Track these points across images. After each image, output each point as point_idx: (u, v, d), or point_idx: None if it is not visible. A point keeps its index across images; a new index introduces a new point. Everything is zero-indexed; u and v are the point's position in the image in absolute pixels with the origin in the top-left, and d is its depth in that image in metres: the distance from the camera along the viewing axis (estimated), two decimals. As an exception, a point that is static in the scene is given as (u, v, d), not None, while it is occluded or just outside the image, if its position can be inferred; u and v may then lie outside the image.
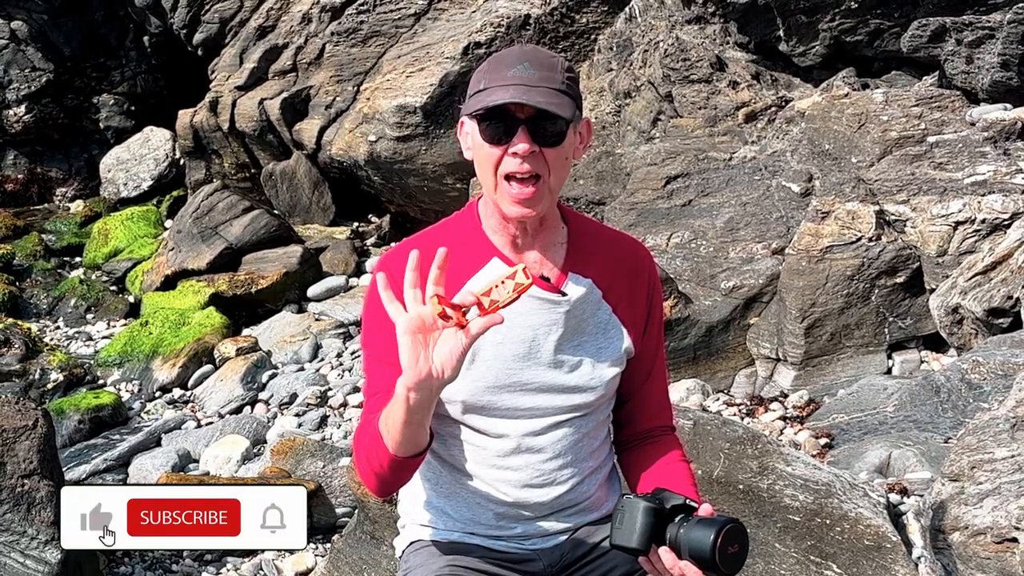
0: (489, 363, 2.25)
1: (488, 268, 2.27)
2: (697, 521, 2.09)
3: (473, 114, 2.14)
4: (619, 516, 2.13)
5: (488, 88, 2.13)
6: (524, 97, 2.08)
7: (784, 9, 7.37)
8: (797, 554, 3.70)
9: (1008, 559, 3.31)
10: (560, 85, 2.14)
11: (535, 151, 2.12)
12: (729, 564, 2.06)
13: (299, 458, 5.45)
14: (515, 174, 2.14)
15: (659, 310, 2.44)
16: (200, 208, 9.26)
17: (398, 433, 2.02)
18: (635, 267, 2.39)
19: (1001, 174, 5.86)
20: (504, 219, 2.25)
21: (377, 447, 2.09)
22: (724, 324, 6.14)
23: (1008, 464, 3.52)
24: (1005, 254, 5.29)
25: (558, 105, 2.10)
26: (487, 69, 2.17)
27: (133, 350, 7.83)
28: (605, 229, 2.50)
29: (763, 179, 6.85)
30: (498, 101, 2.09)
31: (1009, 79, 6.39)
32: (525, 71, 2.12)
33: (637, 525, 2.10)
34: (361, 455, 2.17)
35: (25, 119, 12.71)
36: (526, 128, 2.11)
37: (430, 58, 9.50)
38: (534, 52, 2.18)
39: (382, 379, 2.17)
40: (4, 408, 4.30)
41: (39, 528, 4.03)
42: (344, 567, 4.17)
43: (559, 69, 2.16)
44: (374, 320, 2.24)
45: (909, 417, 4.95)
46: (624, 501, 2.14)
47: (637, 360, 2.36)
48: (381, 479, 2.14)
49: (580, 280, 2.30)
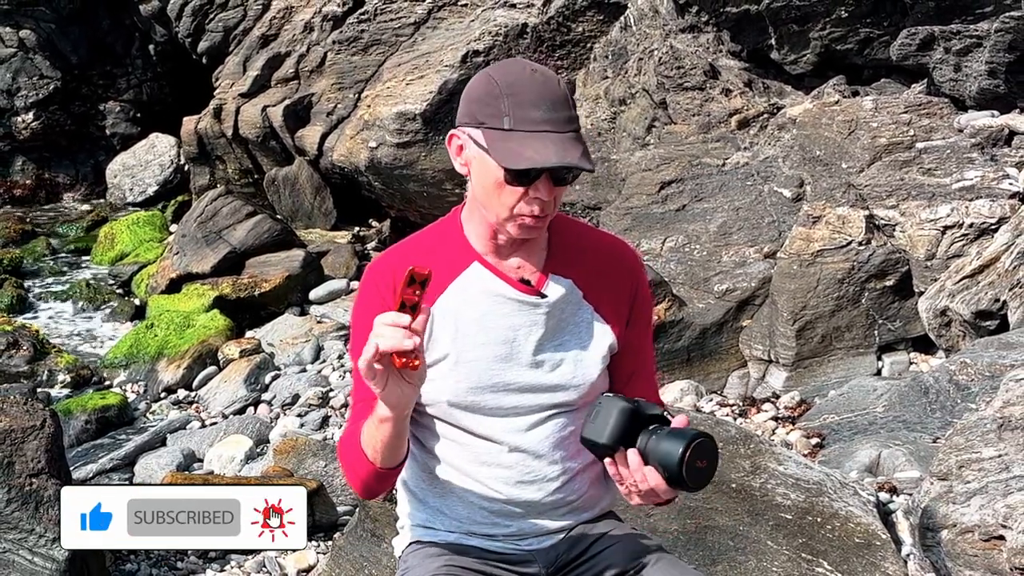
0: (472, 364, 2.25)
1: (469, 272, 2.28)
2: (669, 432, 2.03)
3: (507, 167, 2.10)
4: (594, 412, 2.10)
5: (515, 132, 2.09)
6: (568, 159, 2.07)
7: (776, 18, 7.38)
8: (789, 551, 3.70)
9: (995, 556, 3.31)
10: (578, 125, 2.14)
11: (554, 195, 2.15)
12: (695, 478, 2.01)
13: (301, 457, 5.44)
14: (531, 214, 2.15)
15: (644, 306, 2.42)
16: (204, 213, 9.25)
17: (382, 448, 2.11)
18: (618, 265, 2.38)
19: (988, 179, 5.87)
20: (492, 231, 2.25)
21: (360, 459, 2.16)
22: (717, 326, 6.14)
23: (995, 463, 3.52)
24: (992, 258, 5.29)
25: (584, 155, 2.10)
26: (506, 102, 2.11)
27: (139, 352, 7.82)
28: (589, 230, 2.49)
29: (755, 184, 6.86)
30: (544, 164, 2.07)
31: (996, 86, 6.40)
32: (549, 114, 2.09)
33: (611, 422, 2.06)
34: (345, 463, 2.25)
35: (33, 126, 12.72)
36: (548, 175, 2.12)
37: (429, 66, 9.50)
38: (548, 85, 2.13)
39: (365, 387, 2.16)
40: (12, 408, 4.29)
41: (47, 526, 4.03)
42: (345, 564, 4.17)
43: (570, 103, 2.14)
44: (366, 317, 2.24)
45: (898, 417, 4.95)
46: (602, 398, 2.11)
47: (621, 355, 2.35)
48: (367, 486, 2.22)
49: (560, 281, 2.30)
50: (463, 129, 2.19)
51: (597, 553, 2.36)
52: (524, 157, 2.07)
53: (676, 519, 3.84)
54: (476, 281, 2.27)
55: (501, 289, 2.27)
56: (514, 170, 2.10)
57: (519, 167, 2.08)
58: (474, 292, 2.27)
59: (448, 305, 2.26)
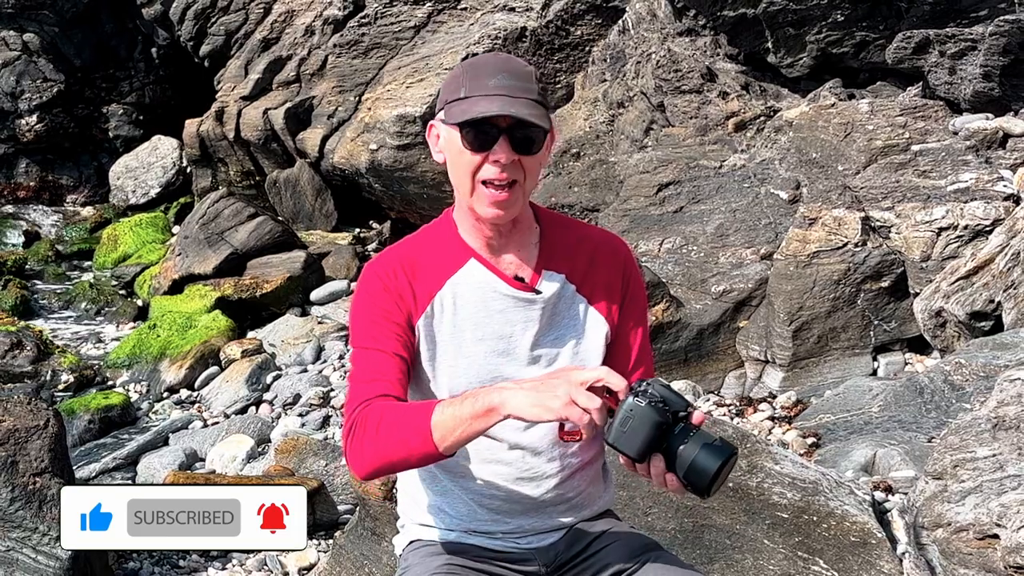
0: (470, 359, 2.26)
1: (466, 269, 2.29)
2: (703, 445, 2.01)
3: (458, 123, 2.15)
4: (626, 420, 2.01)
5: (470, 97, 2.14)
6: (512, 110, 2.10)
7: (772, 22, 7.38)
8: (785, 550, 3.70)
9: (990, 555, 3.31)
10: (537, 96, 2.17)
11: (514, 159, 2.14)
12: (716, 489, 2.03)
13: (302, 457, 5.44)
14: (494, 180, 2.16)
15: (637, 296, 2.42)
16: (206, 215, 9.25)
17: (463, 438, 2.03)
18: (609, 259, 2.39)
19: (983, 182, 5.87)
20: (478, 222, 2.26)
21: (416, 437, 2.04)
22: (714, 327, 6.14)
23: (989, 463, 3.52)
24: (987, 259, 5.29)
25: (538, 116, 2.13)
26: (465, 77, 2.18)
27: (141, 352, 7.82)
28: (580, 225, 2.50)
29: (752, 186, 6.86)
30: (486, 113, 2.11)
31: (991, 90, 6.40)
32: (505, 81, 2.14)
33: (643, 436, 2.01)
34: (378, 435, 2.08)
35: (37, 128, 12.72)
36: (507, 137, 2.13)
37: (429, 69, 9.51)
38: (510, 62, 2.20)
39: (377, 366, 2.17)
40: (16, 408, 4.29)
41: (50, 525, 4.03)
42: (346, 562, 4.17)
43: (533, 79, 2.19)
44: (367, 312, 2.25)
45: (894, 417, 4.95)
46: (633, 405, 2.00)
47: (615, 345, 2.35)
48: (389, 464, 2.10)
49: (553, 276, 2.31)
50: (437, 118, 2.25)
51: (596, 551, 2.36)
52: (471, 112, 2.12)
53: (674, 518, 3.84)
54: (473, 277, 2.28)
55: (497, 285, 2.27)
56: (467, 129, 2.13)
57: (464, 119, 2.12)
58: (471, 287, 2.28)
59: (445, 300, 2.27)
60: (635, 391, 2.01)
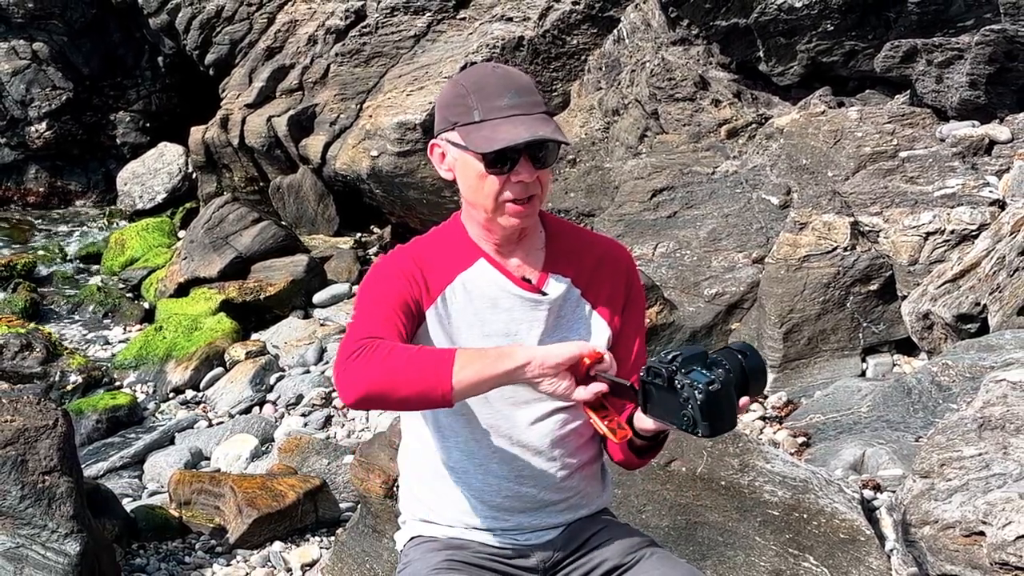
0: None
1: (476, 267, 2.28)
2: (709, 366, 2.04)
3: (483, 152, 2.13)
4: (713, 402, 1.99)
5: (487, 121, 2.13)
6: (540, 132, 2.11)
7: (764, 31, 7.39)
8: (776, 547, 3.70)
9: (976, 551, 3.31)
10: (544, 107, 2.17)
11: (535, 176, 2.16)
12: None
13: (305, 456, 5.45)
14: (517, 199, 2.17)
15: (637, 303, 2.43)
16: (211, 219, 9.25)
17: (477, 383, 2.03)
18: (613, 265, 2.40)
19: (969, 187, 5.88)
20: (488, 229, 2.27)
21: (435, 374, 2.02)
22: (707, 329, 6.14)
23: (975, 462, 3.52)
24: (973, 263, 5.29)
25: (556, 131, 2.14)
26: (473, 97, 2.15)
27: (148, 353, 7.82)
28: (584, 232, 2.52)
29: (744, 192, 6.87)
30: (516, 141, 2.09)
31: (977, 98, 6.41)
32: (516, 99, 2.13)
33: (728, 405, 2.02)
34: (386, 361, 2.04)
35: (46, 135, 12.71)
36: (527, 156, 2.14)
37: (429, 77, 9.51)
38: (512, 77, 2.19)
39: (384, 324, 2.15)
40: (26, 408, 4.29)
41: (59, 522, 4.03)
42: (347, 559, 4.17)
43: (536, 90, 2.19)
44: (378, 287, 2.23)
45: (882, 417, 4.95)
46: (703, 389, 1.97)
47: (614, 349, 2.34)
48: (386, 392, 2.04)
49: (560, 279, 2.32)
50: (441, 136, 2.23)
51: (593, 548, 2.36)
52: (497, 139, 2.11)
53: (667, 515, 3.84)
54: (482, 275, 2.29)
55: (506, 285, 2.28)
56: (491, 155, 2.12)
57: (493, 149, 2.11)
58: (480, 285, 2.28)
59: (457, 292, 2.27)
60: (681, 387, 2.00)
